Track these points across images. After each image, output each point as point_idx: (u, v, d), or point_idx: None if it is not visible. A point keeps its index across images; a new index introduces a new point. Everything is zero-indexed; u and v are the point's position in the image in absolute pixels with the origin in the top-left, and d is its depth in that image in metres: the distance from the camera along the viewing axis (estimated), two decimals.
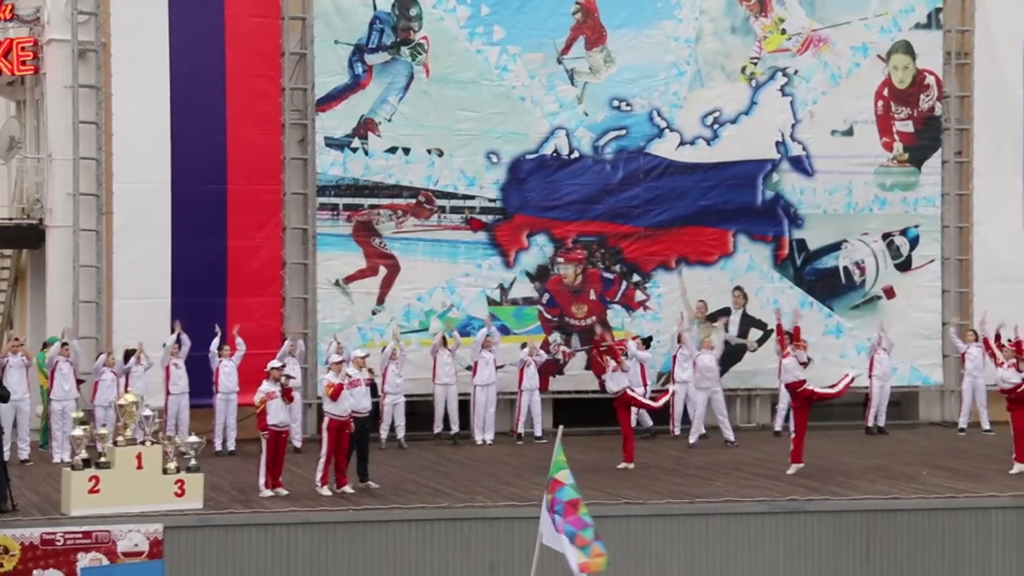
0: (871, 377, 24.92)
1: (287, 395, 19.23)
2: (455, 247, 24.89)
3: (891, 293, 26.42)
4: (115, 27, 23.62)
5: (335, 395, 19.02)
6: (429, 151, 24.80)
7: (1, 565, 16.39)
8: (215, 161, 23.87)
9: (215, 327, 22.69)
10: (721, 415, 23.94)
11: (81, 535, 16.56)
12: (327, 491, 19.01)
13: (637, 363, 23.41)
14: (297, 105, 24.46)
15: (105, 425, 20.23)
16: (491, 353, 23.94)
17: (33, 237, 24.59)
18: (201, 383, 22.54)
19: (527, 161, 25.17)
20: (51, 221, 24.01)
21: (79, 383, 22.03)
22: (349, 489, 19.10)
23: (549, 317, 25.23)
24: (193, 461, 18.19)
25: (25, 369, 21.71)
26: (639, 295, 25.55)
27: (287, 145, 24.33)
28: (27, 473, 20.54)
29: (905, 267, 26.55)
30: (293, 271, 24.36)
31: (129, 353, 22.40)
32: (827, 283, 26.24)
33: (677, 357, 24.06)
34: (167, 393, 22.35)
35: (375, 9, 24.62)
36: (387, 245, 24.67)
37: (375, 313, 24.54)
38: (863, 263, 26.37)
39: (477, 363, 23.90)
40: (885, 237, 26.46)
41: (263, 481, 18.96)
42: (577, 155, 25.34)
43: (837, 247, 26.30)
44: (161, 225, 23.62)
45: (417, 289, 24.69)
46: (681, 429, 24.13)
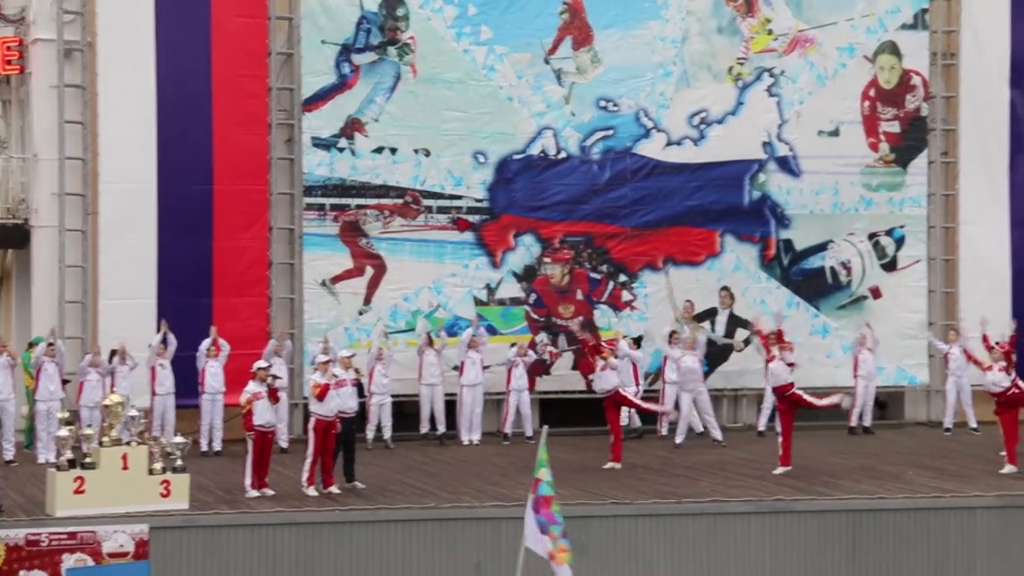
0: (856, 377, 24.97)
1: (273, 395, 19.20)
2: (442, 247, 24.88)
3: (877, 293, 26.47)
4: (101, 27, 23.57)
5: (322, 395, 19.01)
6: (416, 151, 24.78)
7: None
8: (201, 161, 23.83)
9: (208, 327, 22.63)
10: (707, 415, 23.96)
11: (66, 536, 16.50)
12: (313, 491, 18.98)
13: (629, 362, 23.41)
14: (284, 105, 24.42)
15: (91, 426, 20.14)
16: (478, 353, 23.92)
17: (18, 237, 24.50)
18: (187, 383, 22.49)
19: (514, 161, 25.16)
20: (37, 221, 23.95)
21: (64, 383, 21.98)
22: (335, 489, 19.08)
23: (536, 317, 25.23)
24: (179, 461, 18.16)
25: (10, 369, 21.66)
26: (626, 295, 25.56)
27: (274, 145, 24.29)
28: (12, 474, 20.49)
29: (891, 267, 26.59)
30: (280, 271, 24.33)
31: (113, 353, 22.37)
32: (813, 283, 26.28)
33: (668, 358, 24.05)
34: (153, 393, 22.30)
35: (362, 9, 24.59)
36: (374, 245, 24.65)
37: (362, 313, 24.51)
38: (849, 263, 26.41)
39: (464, 363, 23.90)
40: (871, 237, 26.50)
41: (249, 481, 18.93)
42: (564, 155, 25.34)
43: (823, 247, 26.34)
44: (147, 225, 23.58)
45: (404, 289, 24.67)
46: (668, 429, 24.15)
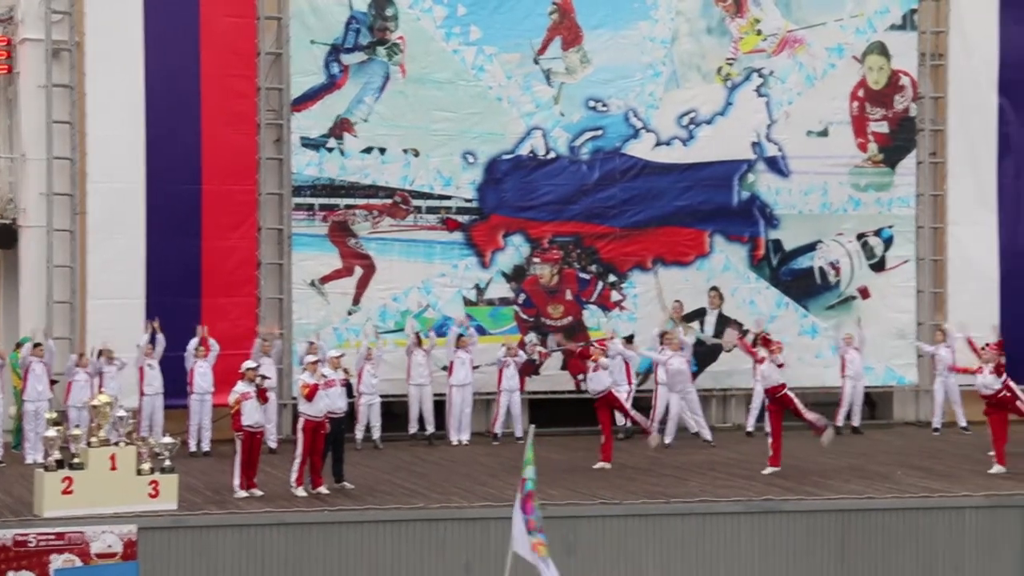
0: (843, 377, 24.99)
1: (262, 396, 19.18)
2: (431, 247, 24.86)
3: (866, 293, 26.50)
4: (89, 26, 23.52)
5: (310, 395, 18.99)
6: (405, 151, 24.76)
7: None
8: (190, 161, 23.79)
9: (196, 327, 22.60)
10: (696, 415, 23.96)
11: (54, 536, 16.43)
12: (302, 492, 18.96)
13: (621, 361, 23.39)
14: (273, 105, 24.39)
15: (79, 426, 20.12)
16: (468, 353, 23.91)
17: (6, 237, 24.40)
18: (176, 383, 22.46)
19: (503, 161, 25.15)
20: (24, 221, 23.88)
21: (53, 384, 21.93)
22: (324, 490, 19.06)
23: (525, 317, 25.22)
24: (167, 462, 18.12)
25: None
26: (615, 295, 25.57)
27: (262, 145, 24.26)
28: (0, 474, 20.42)
29: (879, 268, 26.62)
30: (268, 271, 24.29)
31: (100, 354, 22.31)
32: (802, 283, 26.30)
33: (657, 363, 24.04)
34: (141, 394, 22.26)
35: (351, 9, 24.57)
36: (363, 245, 24.62)
37: (351, 313, 24.49)
38: (838, 263, 26.44)
39: (453, 363, 23.88)
40: (860, 238, 26.53)
41: (238, 482, 18.90)
42: (553, 155, 25.34)
43: (812, 247, 26.36)
44: (135, 225, 23.53)
45: (393, 289, 24.65)
46: (658, 430, 24.12)
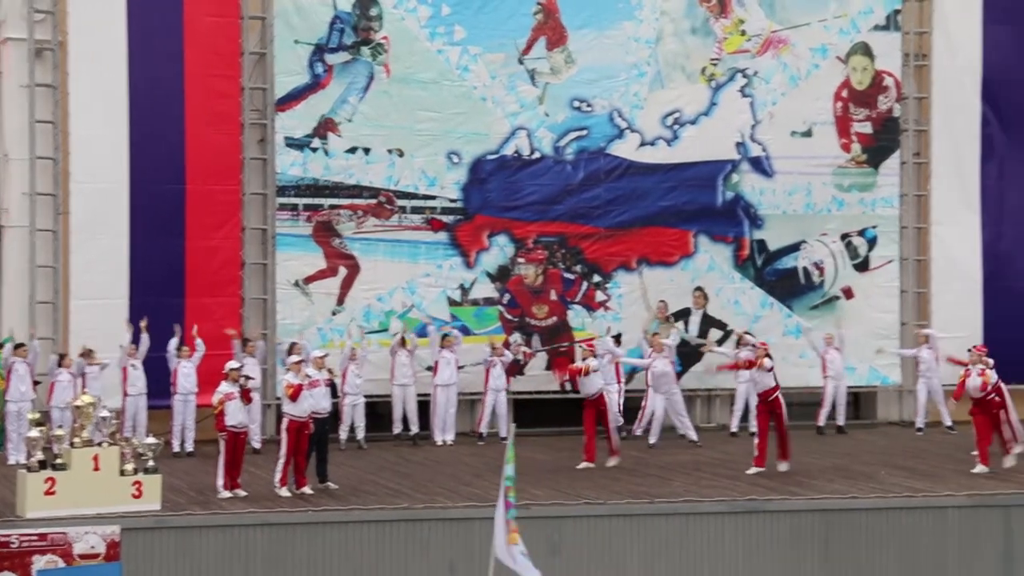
0: (825, 377, 25.04)
1: (246, 396, 19.15)
2: (415, 247, 24.84)
3: (850, 293, 26.55)
4: (72, 26, 23.43)
5: (294, 396, 18.96)
6: (390, 151, 24.74)
7: None
8: (174, 161, 23.74)
9: (174, 327, 22.59)
10: (681, 416, 23.97)
11: (37, 537, 16.35)
12: (286, 492, 18.93)
13: (610, 360, 23.36)
14: (256, 105, 24.35)
15: (62, 426, 20.04)
16: (452, 353, 23.90)
17: None
18: (159, 384, 22.41)
19: (488, 161, 25.15)
20: (7, 221, 23.81)
21: (36, 384, 21.87)
22: (308, 490, 19.03)
23: (510, 318, 25.21)
24: (151, 462, 18.07)
25: None
26: (600, 295, 25.58)
27: (246, 145, 24.22)
28: None
29: (863, 268, 26.67)
30: (252, 271, 24.25)
31: (84, 353, 22.25)
32: (787, 283, 26.34)
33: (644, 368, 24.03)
34: (124, 394, 22.22)
35: (335, 9, 24.54)
36: (347, 245, 24.59)
37: (335, 314, 24.45)
38: (822, 263, 26.49)
39: (438, 363, 23.87)
40: (843, 238, 26.58)
41: (221, 482, 18.86)
42: (538, 155, 25.34)
43: (796, 248, 26.40)
44: (119, 225, 23.47)
45: (377, 289, 24.62)
46: (642, 430, 24.15)
